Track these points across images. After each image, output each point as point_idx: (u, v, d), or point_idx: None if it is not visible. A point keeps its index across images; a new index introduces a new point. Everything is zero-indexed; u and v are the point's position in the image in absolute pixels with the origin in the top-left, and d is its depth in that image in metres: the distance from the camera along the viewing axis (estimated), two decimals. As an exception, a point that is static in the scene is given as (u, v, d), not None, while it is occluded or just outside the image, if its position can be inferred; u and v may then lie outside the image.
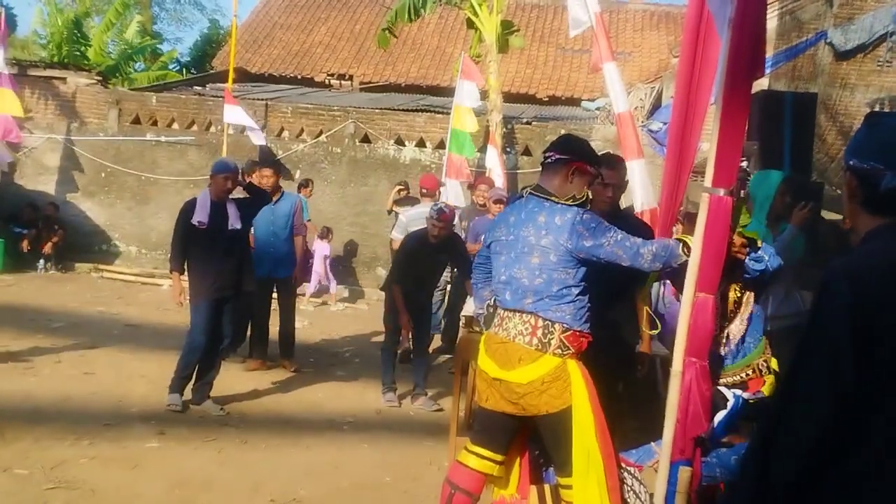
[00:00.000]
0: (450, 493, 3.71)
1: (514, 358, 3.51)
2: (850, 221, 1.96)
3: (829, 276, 1.78)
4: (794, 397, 1.77)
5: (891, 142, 1.84)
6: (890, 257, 1.76)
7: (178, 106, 14.88)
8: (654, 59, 19.25)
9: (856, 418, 1.68)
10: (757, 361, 3.96)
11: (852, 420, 1.68)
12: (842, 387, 1.68)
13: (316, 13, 22.01)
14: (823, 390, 1.70)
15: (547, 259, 3.50)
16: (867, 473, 1.68)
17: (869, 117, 1.95)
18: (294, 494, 4.75)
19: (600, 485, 3.49)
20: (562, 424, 3.48)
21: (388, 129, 14.48)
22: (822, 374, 1.71)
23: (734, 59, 3.27)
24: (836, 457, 1.70)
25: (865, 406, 1.68)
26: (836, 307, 1.72)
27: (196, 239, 6.22)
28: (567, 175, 3.63)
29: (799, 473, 1.72)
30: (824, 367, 1.71)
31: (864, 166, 1.84)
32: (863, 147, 1.88)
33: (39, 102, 14.78)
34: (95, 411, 6.02)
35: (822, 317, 1.75)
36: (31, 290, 11.49)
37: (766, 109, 6.13)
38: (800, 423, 1.73)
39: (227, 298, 6.32)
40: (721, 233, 3.37)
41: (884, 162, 1.81)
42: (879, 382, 1.67)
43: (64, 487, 4.56)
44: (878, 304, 1.68)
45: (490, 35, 13.17)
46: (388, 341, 7.14)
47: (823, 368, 1.71)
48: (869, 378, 1.67)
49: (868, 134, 1.91)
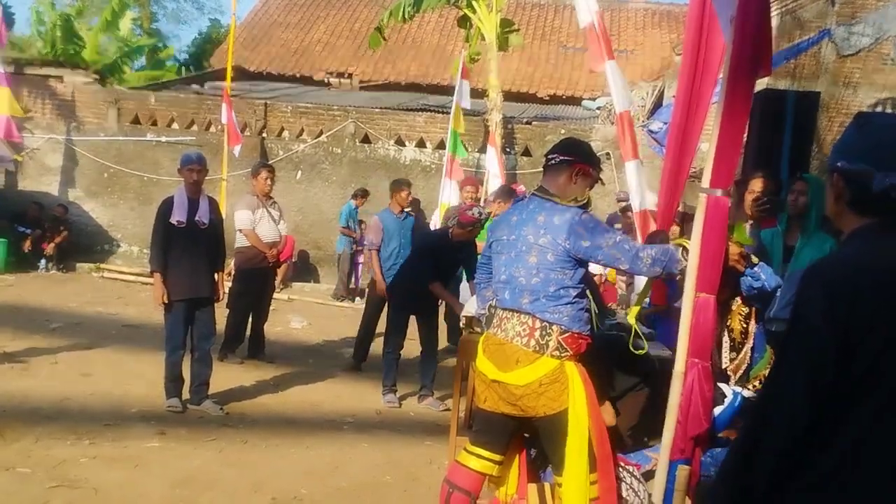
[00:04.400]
0: (448, 493, 3.72)
1: (511, 359, 3.51)
2: (835, 222, 1.96)
3: (809, 277, 1.80)
4: (772, 396, 1.80)
5: (881, 142, 1.84)
6: (870, 255, 1.77)
7: (177, 105, 14.88)
8: (655, 58, 19.24)
9: (833, 417, 1.71)
10: (763, 373, 3.99)
11: (830, 419, 1.71)
12: (819, 385, 1.70)
13: (315, 11, 22.00)
14: (800, 389, 1.72)
15: (544, 258, 3.50)
16: (839, 474, 1.70)
17: (858, 117, 1.95)
18: (294, 494, 4.76)
19: (595, 485, 3.48)
20: (559, 426, 3.47)
21: (388, 129, 14.48)
22: (798, 374, 1.73)
23: (736, 58, 3.26)
24: (812, 455, 1.72)
25: (843, 406, 1.70)
26: (814, 308, 1.73)
27: (174, 238, 6.17)
28: (570, 176, 3.63)
29: (777, 470, 1.74)
30: (801, 366, 1.73)
31: (854, 168, 1.84)
32: (852, 148, 1.88)
33: (37, 101, 14.78)
34: (95, 411, 6.02)
35: (801, 317, 1.77)
36: (31, 290, 11.50)
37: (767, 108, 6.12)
38: (777, 420, 1.75)
39: (204, 300, 6.28)
40: (719, 233, 3.37)
41: (873, 163, 1.80)
42: (857, 381, 1.69)
43: (66, 486, 4.56)
44: (856, 301, 1.70)
45: (489, 33, 13.15)
46: (393, 344, 7.07)
47: (800, 368, 1.73)
48: (847, 377, 1.69)
49: (857, 134, 1.90)
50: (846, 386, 1.69)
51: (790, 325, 1.80)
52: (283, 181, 13.49)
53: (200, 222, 6.23)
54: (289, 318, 10.42)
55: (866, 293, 1.70)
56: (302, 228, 14.09)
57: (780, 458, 1.73)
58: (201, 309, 6.26)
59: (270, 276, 8.44)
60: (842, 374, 1.69)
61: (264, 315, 8.28)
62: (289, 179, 14.26)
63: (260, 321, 8.22)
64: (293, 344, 9.12)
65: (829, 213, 1.96)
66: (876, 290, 1.71)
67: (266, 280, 8.28)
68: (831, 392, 1.70)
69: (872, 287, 1.71)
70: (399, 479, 5.14)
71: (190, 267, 6.16)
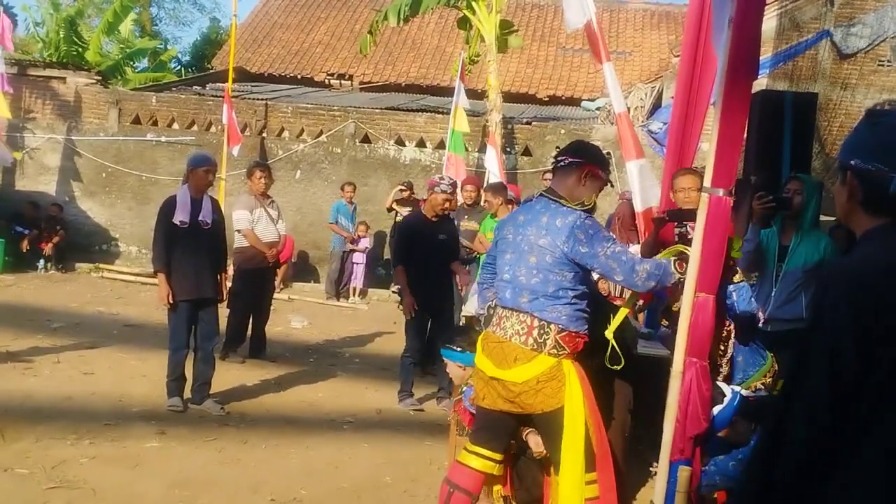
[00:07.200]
0: (448, 493, 3.72)
1: (510, 357, 3.53)
2: (845, 220, 1.92)
3: (830, 279, 1.78)
4: (795, 399, 1.76)
5: (894, 142, 1.80)
6: (890, 258, 1.74)
7: (178, 106, 14.90)
8: (654, 59, 19.26)
9: (857, 421, 1.68)
10: (760, 381, 4.02)
11: (853, 423, 1.68)
12: (843, 387, 1.67)
13: (315, 13, 22.02)
14: (824, 392, 1.69)
15: (543, 259, 3.51)
16: (864, 479, 1.68)
17: (869, 114, 1.90)
18: (294, 494, 4.76)
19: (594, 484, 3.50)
20: (556, 423, 3.49)
21: (388, 129, 14.49)
22: (822, 377, 1.70)
23: (734, 59, 3.27)
24: (835, 460, 1.69)
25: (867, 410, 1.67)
26: (837, 309, 1.70)
27: (176, 238, 6.14)
28: (580, 178, 3.64)
29: (799, 475, 1.71)
30: (825, 369, 1.70)
31: (868, 167, 1.80)
32: (864, 146, 1.84)
33: (39, 102, 14.80)
34: (96, 411, 6.02)
35: (823, 319, 1.74)
36: (31, 290, 11.50)
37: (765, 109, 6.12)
38: (799, 424, 1.72)
39: (208, 300, 6.27)
40: (721, 233, 3.38)
41: (888, 163, 1.77)
42: (881, 385, 1.66)
43: (65, 487, 4.56)
44: (879, 306, 1.67)
45: (489, 35, 13.17)
46: (411, 351, 6.82)
47: (824, 371, 1.70)
48: (870, 381, 1.66)
49: (869, 132, 1.85)
50: (869, 391, 1.66)
51: (811, 331, 1.77)
52: (282, 181, 13.51)
53: (203, 222, 6.22)
54: (289, 318, 10.42)
55: (888, 297, 1.67)
56: (301, 228, 14.09)
57: (802, 464, 1.71)
58: (205, 309, 6.25)
59: (270, 277, 8.45)
60: (865, 379, 1.66)
61: (265, 315, 8.28)
62: (288, 179, 14.28)
63: (261, 321, 8.22)
64: (294, 344, 9.13)
65: (839, 210, 1.91)
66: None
67: (266, 280, 8.29)
68: (854, 397, 1.67)
69: (894, 291, 1.68)
70: (399, 480, 5.14)
71: (194, 267, 6.15)
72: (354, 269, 13.34)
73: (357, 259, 13.28)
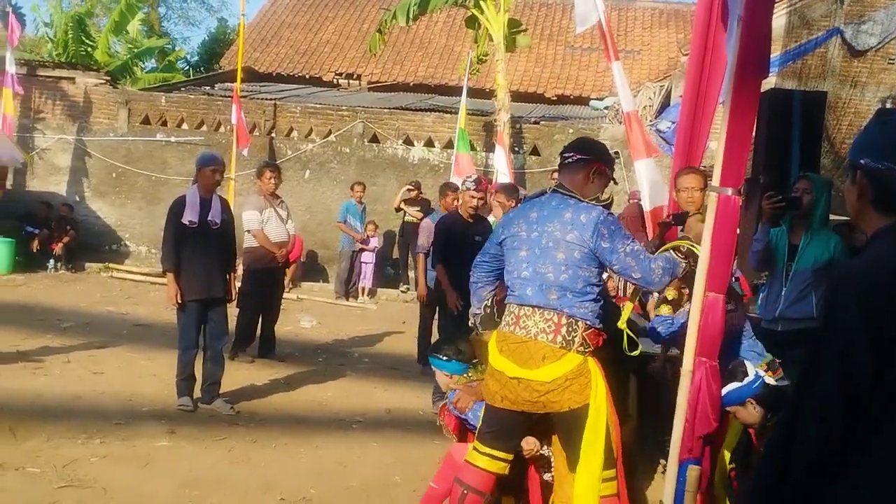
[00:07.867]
0: (462, 494, 3.69)
1: (537, 356, 3.48)
2: (855, 219, 1.92)
3: (840, 278, 1.77)
4: (806, 398, 1.76)
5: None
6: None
7: (187, 106, 14.95)
8: (662, 58, 19.21)
9: (868, 421, 1.67)
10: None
11: (864, 423, 1.67)
12: (854, 388, 1.67)
13: (323, 12, 22.04)
14: (835, 392, 1.69)
15: (571, 255, 3.49)
16: (875, 478, 1.68)
17: (880, 113, 1.90)
18: (304, 493, 4.77)
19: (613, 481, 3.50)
20: (579, 421, 3.47)
21: (396, 128, 14.50)
22: (833, 377, 1.69)
23: (743, 57, 3.26)
24: (846, 460, 1.69)
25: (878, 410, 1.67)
26: (848, 310, 1.70)
27: (186, 238, 6.15)
28: (588, 175, 3.64)
29: (809, 474, 1.71)
30: (836, 370, 1.69)
31: (878, 166, 1.80)
32: (875, 145, 1.83)
33: (49, 103, 14.87)
34: (106, 410, 6.04)
35: (835, 319, 1.73)
36: (41, 290, 11.56)
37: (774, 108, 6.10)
38: (810, 423, 1.72)
39: (217, 300, 6.28)
40: (730, 232, 3.38)
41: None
42: (892, 385, 1.66)
43: (76, 486, 4.58)
44: (890, 306, 1.67)
45: (497, 34, 13.17)
46: None
47: (835, 371, 1.69)
48: (881, 381, 1.66)
49: (880, 131, 1.85)
50: (880, 391, 1.66)
51: (822, 331, 1.76)
52: (291, 181, 13.54)
53: (213, 222, 6.23)
54: (298, 318, 10.45)
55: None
56: (310, 228, 14.12)
57: (812, 464, 1.70)
58: (214, 309, 6.27)
59: (280, 276, 8.46)
60: (876, 379, 1.65)
61: (275, 315, 8.30)
62: (297, 179, 14.31)
63: (271, 321, 8.24)
64: (303, 343, 9.15)
65: (849, 209, 1.91)
66: None
67: (275, 280, 8.31)
68: (866, 397, 1.66)
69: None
70: (408, 479, 5.14)
71: (203, 267, 6.16)
72: (363, 269, 13.37)
73: (366, 259, 13.30)
